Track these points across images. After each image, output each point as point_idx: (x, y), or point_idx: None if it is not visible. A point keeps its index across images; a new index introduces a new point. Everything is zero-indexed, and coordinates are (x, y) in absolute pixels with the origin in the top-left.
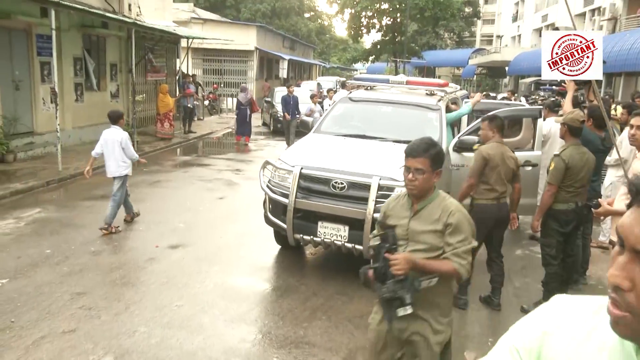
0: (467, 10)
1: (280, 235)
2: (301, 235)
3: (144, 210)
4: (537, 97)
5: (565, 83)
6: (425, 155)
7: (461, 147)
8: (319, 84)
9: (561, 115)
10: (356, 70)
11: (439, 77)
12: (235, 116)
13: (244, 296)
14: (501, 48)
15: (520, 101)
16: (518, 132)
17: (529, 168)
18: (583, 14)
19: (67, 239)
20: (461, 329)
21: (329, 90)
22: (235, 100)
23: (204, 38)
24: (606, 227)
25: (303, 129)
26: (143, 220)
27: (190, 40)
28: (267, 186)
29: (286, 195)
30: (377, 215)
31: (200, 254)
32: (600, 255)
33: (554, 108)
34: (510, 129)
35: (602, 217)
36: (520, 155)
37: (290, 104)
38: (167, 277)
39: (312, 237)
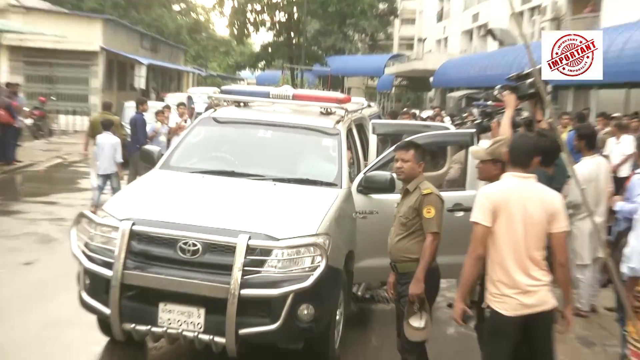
0: (381, 6)
1: (106, 323)
2: (133, 326)
3: None
4: (466, 117)
5: (503, 96)
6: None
7: (369, 187)
8: (189, 98)
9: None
10: (242, 79)
11: (349, 89)
12: None
13: None
14: (424, 54)
15: (444, 122)
16: (441, 164)
17: (461, 214)
18: (521, 13)
19: None
20: None
21: (179, 105)
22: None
23: (21, 32)
24: (583, 293)
25: (145, 162)
26: None
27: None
28: (83, 252)
29: (110, 265)
30: (245, 291)
31: None
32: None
33: (479, 133)
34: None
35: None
36: (448, 196)
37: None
38: None
39: (149, 327)
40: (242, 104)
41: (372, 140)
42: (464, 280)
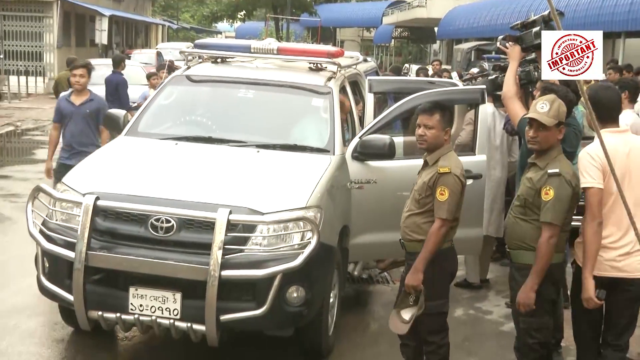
0: None
1: (69, 311)
2: (100, 313)
3: None
4: (474, 73)
5: (507, 47)
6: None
7: (365, 153)
8: (159, 54)
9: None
10: (220, 32)
11: (342, 42)
12: None
13: None
14: (427, 0)
15: (451, 78)
16: None
17: (470, 181)
18: None
19: None
20: None
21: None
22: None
23: None
24: None
25: (109, 128)
26: None
27: None
28: (41, 231)
29: (72, 246)
30: (226, 272)
31: None
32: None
33: (492, 90)
34: None
35: None
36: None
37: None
38: None
39: (119, 314)
40: (219, 60)
41: (369, 99)
42: (591, 251)
